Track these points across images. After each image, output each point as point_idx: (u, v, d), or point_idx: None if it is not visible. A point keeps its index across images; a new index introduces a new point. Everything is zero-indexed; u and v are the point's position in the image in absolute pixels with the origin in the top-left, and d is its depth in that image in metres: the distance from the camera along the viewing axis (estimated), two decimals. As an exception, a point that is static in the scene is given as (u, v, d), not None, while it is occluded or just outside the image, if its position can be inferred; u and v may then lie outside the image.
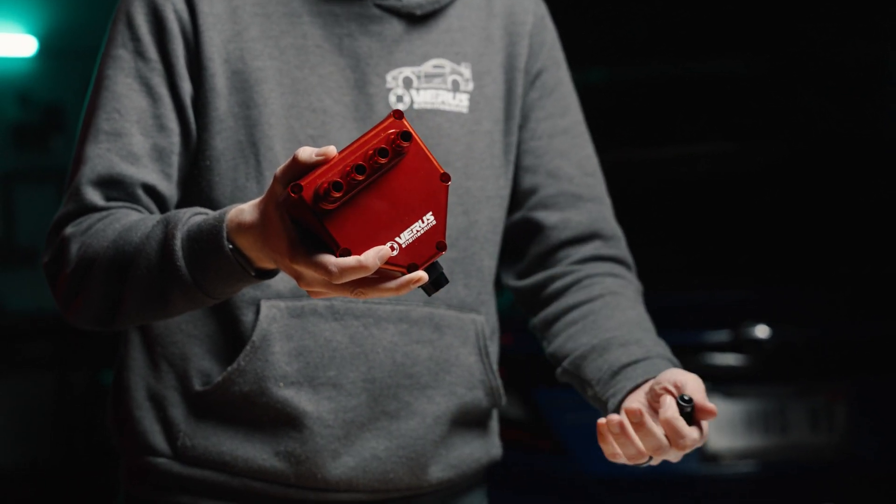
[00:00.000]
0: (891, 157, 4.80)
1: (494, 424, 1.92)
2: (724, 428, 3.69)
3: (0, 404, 6.64)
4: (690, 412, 1.52)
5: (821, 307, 3.97)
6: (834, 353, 3.79)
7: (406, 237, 1.32)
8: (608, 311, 1.79)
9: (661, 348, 1.73)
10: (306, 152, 1.30)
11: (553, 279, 1.86)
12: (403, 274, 1.33)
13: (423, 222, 1.33)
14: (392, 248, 1.31)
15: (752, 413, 3.71)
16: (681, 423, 1.51)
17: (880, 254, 4.30)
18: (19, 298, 6.94)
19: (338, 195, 1.28)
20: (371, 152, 1.29)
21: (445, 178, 1.34)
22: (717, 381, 3.69)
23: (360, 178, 1.28)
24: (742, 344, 3.70)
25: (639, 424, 1.51)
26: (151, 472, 1.75)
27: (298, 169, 1.31)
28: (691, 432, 1.52)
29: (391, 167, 1.31)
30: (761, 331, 3.69)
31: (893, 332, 3.82)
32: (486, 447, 1.88)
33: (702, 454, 3.66)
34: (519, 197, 1.89)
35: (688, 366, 3.73)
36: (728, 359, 3.72)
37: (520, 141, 1.88)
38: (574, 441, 3.72)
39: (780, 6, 6.96)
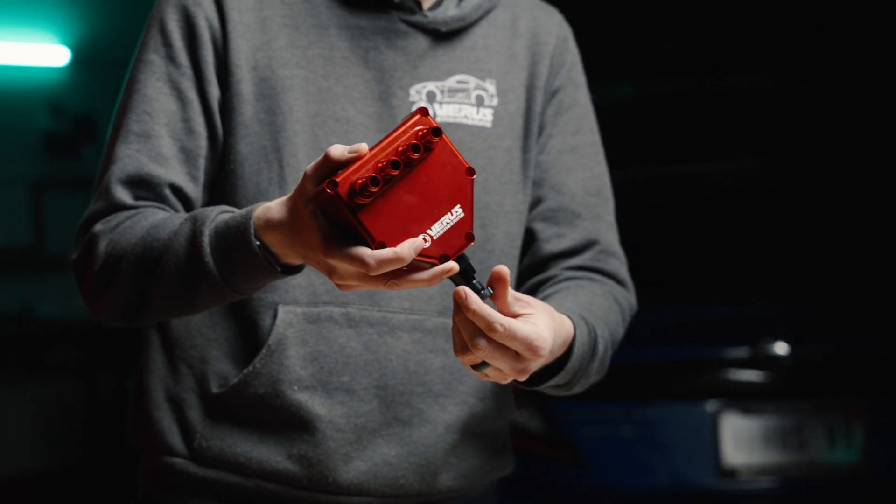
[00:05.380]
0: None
1: (507, 439, 1.94)
2: (742, 443, 3.69)
3: (29, 409, 6.69)
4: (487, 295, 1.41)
5: (840, 324, 3.96)
6: (852, 370, 3.78)
7: (437, 229, 1.37)
8: (562, 294, 1.78)
9: (581, 309, 1.68)
10: (338, 150, 1.34)
11: (537, 284, 1.88)
12: (435, 265, 1.37)
13: (451, 214, 1.38)
14: (424, 240, 1.35)
15: (770, 429, 3.70)
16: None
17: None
18: (49, 305, 6.98)
19: (374, 189, 1.32)
20: (403, 148, 1.34)
21: (471, 171, 1.39)
22: (735, 397, 3.70)
23: (395, 172, 1.33)
24: (761, 360, 3.69)
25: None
26: (168, 473, 1.78)
27: (330, 166, 1.35)
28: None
29: (420, 161, 1.36)
30: (780, 347, 3.68)
31: (912, 350, 3.82)
32: (498, 461, 1.91)
33: (720, 469, 3.67)
34: None
35: (707, 381, 3.75)
36: (747, 375, 3.72)
37: None
38: (593, 453, 3.72)
39: (807, 22, 6.95)
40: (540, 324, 1.44)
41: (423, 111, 1.36)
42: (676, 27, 7.31)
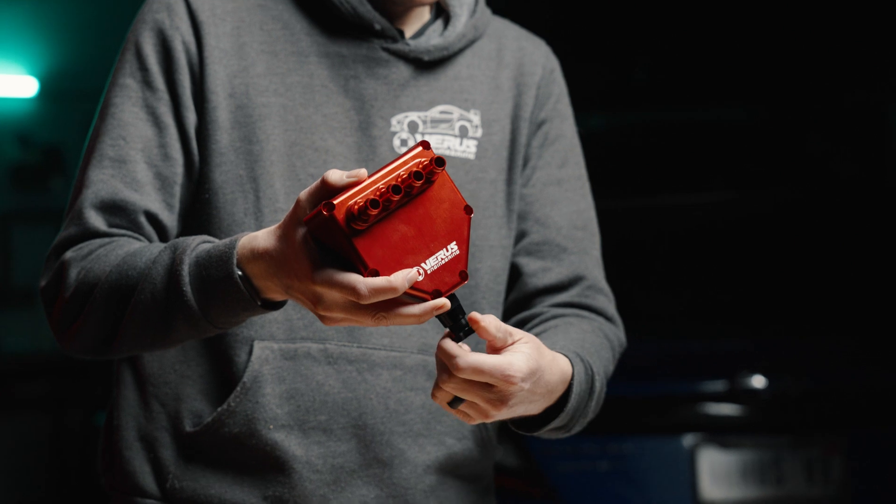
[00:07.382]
0: (892, 206, 4.81)
1: (490, 483, 1.90)
2: (719, 478, 3.67)
3: (-4, 445, 6.64)
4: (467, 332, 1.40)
5: (817, 358, 3.96)
6: (830, 405, 3.78)
7: (431, 264, 1.34)
8: (551, 332, 1.75)
9: (574, 346, 1.66)
10: (336, 174, 1.31)
11: (524, 321, 1.84)
12: (426, 300, 1.34)
13: (447, 251, 1.35)
14: (419, 273, 1.33)
15: (747, 463, 3.70)
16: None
17: (879, 304, 4.30)
18: (16, 339, 6.94)
19: (373, 213, 1.28)
20: (405, 175, 1.31)
21: (469, 210, 1.37)
22: (712, 431, 3.69)
23: (396, 198, 1.30)
24: (738, 394, 3.70)
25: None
26: (140, 515, 1.74)
27: (326, 191, 1.31)
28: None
29: (419, 193, 1.33)
30: (757, 381, 3.68)
31: (890, 385, 3.81)
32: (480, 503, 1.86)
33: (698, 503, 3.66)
34: None
35: (684, 415, 3.74)
36: (724, 408, 3.72)
37: None
38: (568, 488, 3.70)
39: (781, 54, 6.99)
40: (517, 354, 1.42)
41: (426, 144, 1.34)
42: (647, 59, 7.34)
